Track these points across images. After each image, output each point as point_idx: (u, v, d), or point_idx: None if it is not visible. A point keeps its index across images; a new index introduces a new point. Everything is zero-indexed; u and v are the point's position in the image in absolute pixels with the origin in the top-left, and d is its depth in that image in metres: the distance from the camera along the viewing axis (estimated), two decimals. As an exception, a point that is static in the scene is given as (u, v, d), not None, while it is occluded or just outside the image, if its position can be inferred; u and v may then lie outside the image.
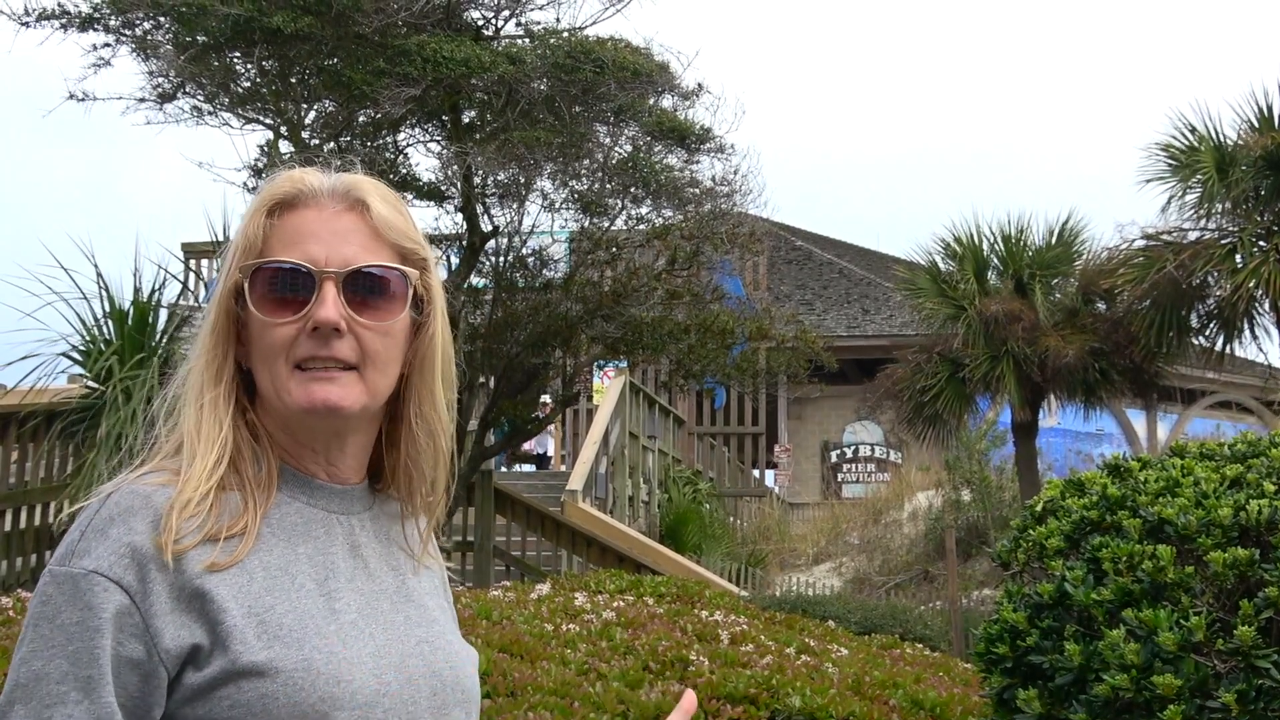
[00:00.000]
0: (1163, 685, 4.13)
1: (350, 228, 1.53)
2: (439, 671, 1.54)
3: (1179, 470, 5.01)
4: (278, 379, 1.50)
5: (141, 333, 9.09)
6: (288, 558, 1.49)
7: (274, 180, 1.57)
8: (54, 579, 1.41)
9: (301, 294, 1.50)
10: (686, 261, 13.29)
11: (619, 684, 5.84)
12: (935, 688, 6.82)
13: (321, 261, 1.50)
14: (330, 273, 1.50)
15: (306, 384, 1.49)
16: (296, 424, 1.53)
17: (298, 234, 1.52)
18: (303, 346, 1.49)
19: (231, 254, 1.54)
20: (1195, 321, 14.56)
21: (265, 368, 1.51)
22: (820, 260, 29.53)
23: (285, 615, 1.43)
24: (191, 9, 11.31)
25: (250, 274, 1.51)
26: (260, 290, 1.51)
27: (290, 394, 1.50)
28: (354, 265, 1.51)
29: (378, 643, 1.49)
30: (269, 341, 1.50)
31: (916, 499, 20.98)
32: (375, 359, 1.52)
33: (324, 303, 1.49)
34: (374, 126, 12.73)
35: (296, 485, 1.55)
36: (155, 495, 1.45)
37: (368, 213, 1.54)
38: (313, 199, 1.54)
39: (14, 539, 9.20)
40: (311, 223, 1.53)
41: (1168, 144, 14.19)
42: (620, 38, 12.43)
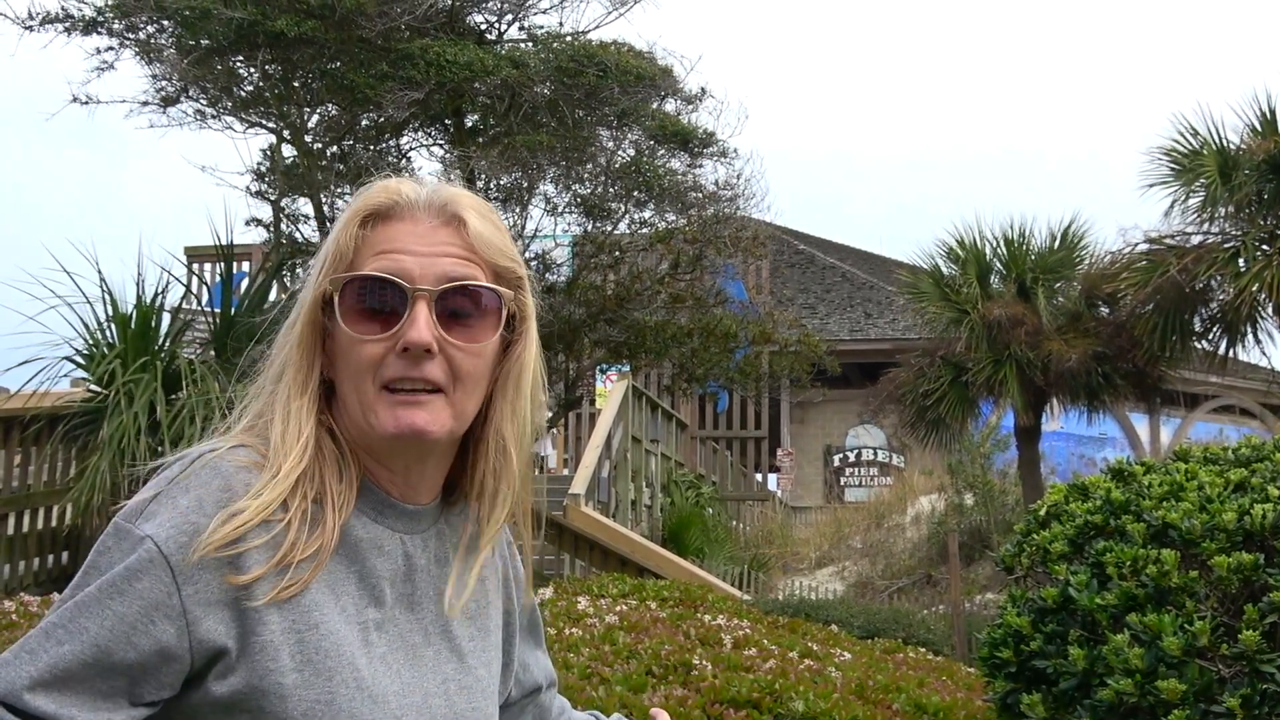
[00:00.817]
0: (1167, 690, 4.12)
1: (445, 243, 1.48)
2: (461, 713, 1.51)
3: (1183, 475, 5.00)
4: (364, 399, 1.46)
5: (144, 336, 9.09)
6: (339, 575, 1.45)
7: (369, 189, 1.52)
8: (116, 532, 1.39)
9: (392, 310, 1.45)
10: (689, 265, 13.29)
11: (622, 688, 5.84)
12: (938, 692, 6.82)
13: (415, 277, 1.45)
14: (424, 290, 1.45)
15: (394, 408, 1.45)
16: (378, 445, 1.49)
17: (391, 246, 1.47)
18: (392, 367, 1.45)
19: (321, 262, 1.50)
20: (1198, 325, 14.54)
21: (352, 385, 1.47)
22: (823, 264, 29.52)
23: (323, 639, 1.40)
24: (195, 13, 11.32)
25: (341, 286, 1.46)
26: (350, 304, 1.46)
27: (377, 417, 1.45)
28: (448, 283, 1.46)
29: (403, 680, 1.47)
30: (357, 358, 1.46)
31: (919, 503, 20.96)
32: (465, 381, 1.48)
33: (415, 322, 1.44)
34: (377, 130, 12.74)
35: (369, 500, 1.50)
36: (234, 478, 1.41)
37: (464, 228, 1.49)
38: (408, 211, 1.49)
39: (17, 542, 9.19)
40: (406, 236, 1.47)
41: (1170, 148, 14.17)
42: (623, 42, 12.46)
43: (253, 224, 14.36)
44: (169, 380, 8.71)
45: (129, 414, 8.33)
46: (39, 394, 8.82)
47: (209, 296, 10.59)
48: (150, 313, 9.16)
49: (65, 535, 9.54)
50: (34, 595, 7.27)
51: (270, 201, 13.92)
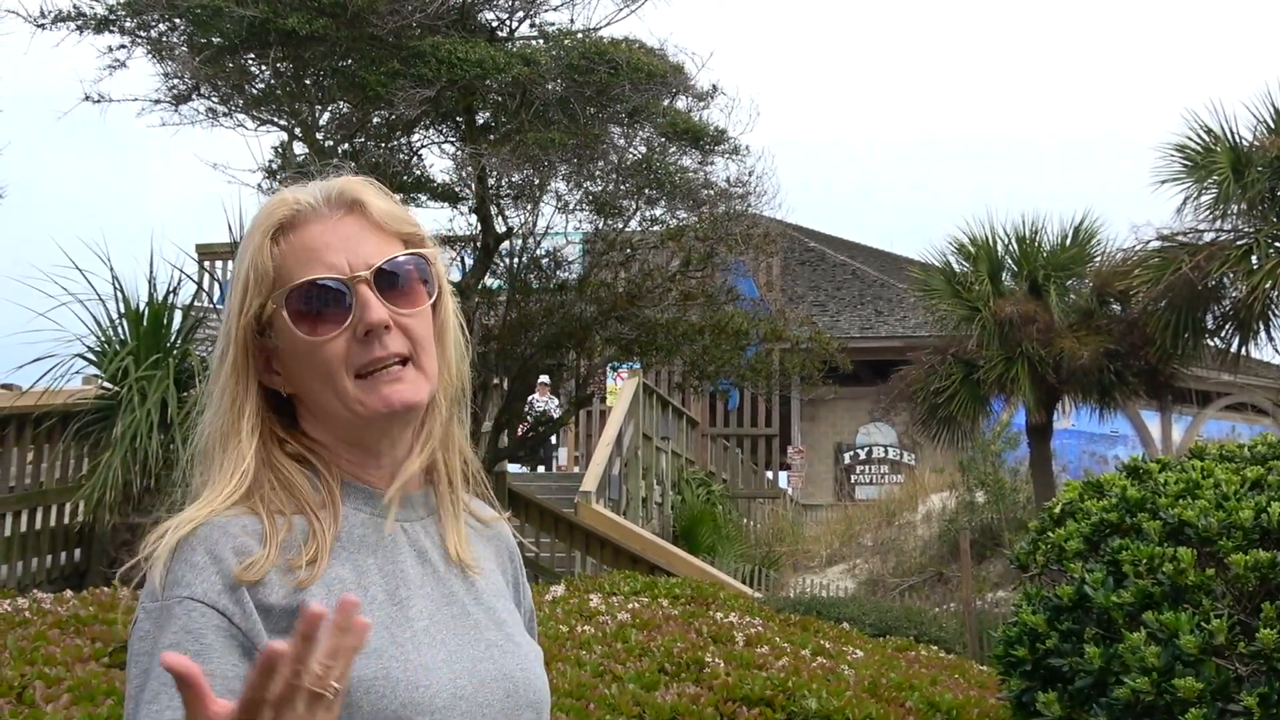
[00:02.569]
0: (1184, 688, 4.11)
1: (356, 229, 1.54)
2: (510, 674, 1.55)
3: (1199, 472, 4.98)
4: (343, 392, 1.51)
5: (156, 334, 9.10)
6: (359, 570, 1.50)
7: (266, 207, 1.57)
8: (148, 615, 1.43)
9: (340, 305, 1.51)
10: (701, 263, 13.27)
11: (634, 686, 5.83)
12: (951, 690, 6.80)
13: (346, 268, 1.51)
14: (360, 276, 1.51)
15: (377, 389, 1.51)
16: (368, 432, 1.54)
17: (311, 250, 1.52)
18: (359, 354, 1.50)
19: (243, 288, 1.53)
20: (1210, 323, 14.51)
21: (326, 386, 1.52)
22: (834, 261, 29.49)
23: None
24: (206, 11, 11.33)
25: (283, 300, 1.51)
26: (298, 312, 1.51)
27: (364, 403, 1.51)
28: (377, 263, 1.52)
29: (450, 648, 1.51)
30: (324, 359, 1.51)
31: (930, 501, 20.93)
32: (422, 344, 1.54)
33: (368, 305, 1.50)
34: (388, 128, 12.74)
35: (360, 498, 1.55)
36: (231, 525, 1.46)
37: (366, 210, 1.56)
38: (312, 213, 1.55)
39: (30, 539, 9.22)
40: (320, 235, 1.53)
41: (1183, 144, 14.14)
42: (635, 39, 12.43)
43: (264, 222, 14.36)
44: (181, 377, 8.72)
45: (141, 411, 8.34)
46: (51, 391, 8.83)
47: (220, 293, 10.59)
48: (162, 310, 9.17)
49: (78, 532, 9.56)
50: (47, 592, 7.28)
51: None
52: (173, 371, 8.65)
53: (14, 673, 4.80)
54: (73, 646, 5.28)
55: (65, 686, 4.65)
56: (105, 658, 5.25)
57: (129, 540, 8.76)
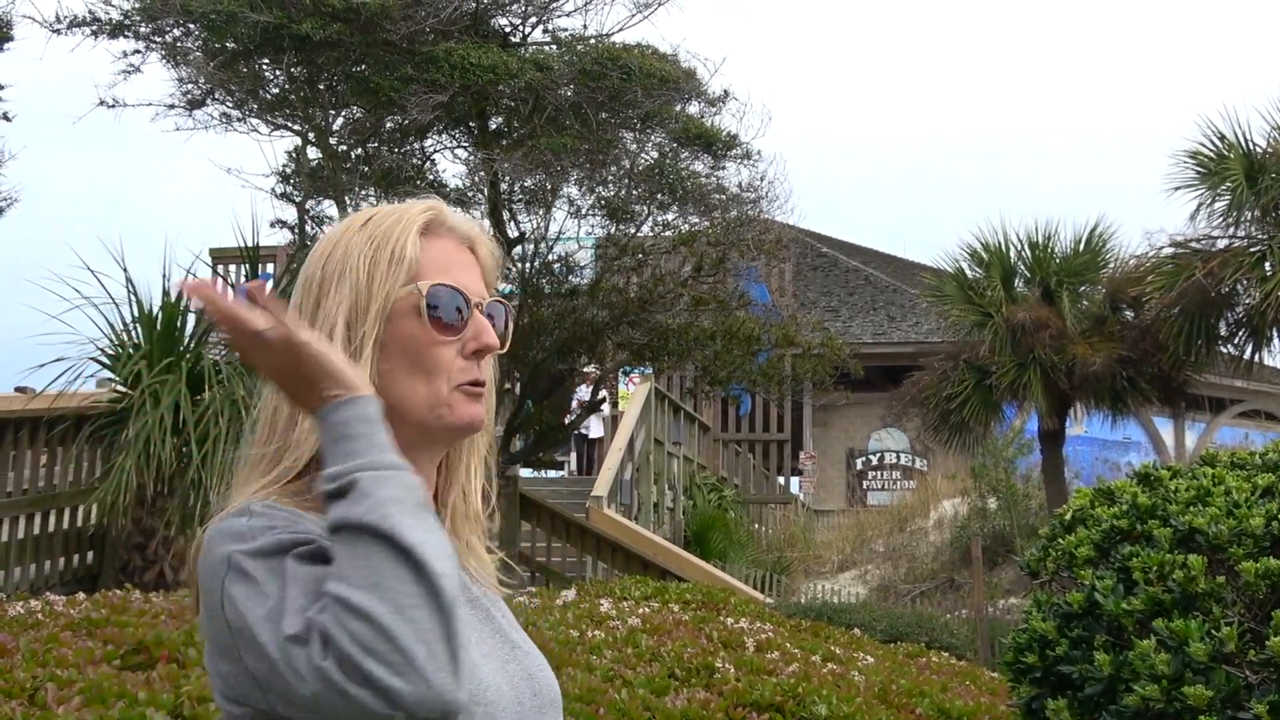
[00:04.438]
0: (1194, 696, 4.10)
1: (470, 264, 1.64)
2: (533, 674, 1.62)
3: (1210, 479, 4.97)
4: (437, 394, 1.58)
5: (170, 337, 9.12)
6: None
7: (413, 204, 1.65)
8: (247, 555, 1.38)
9: (462, 319, 1.60)
10: (712, 268, 13.28)
11: (645, 691, 5.83)
12: (962, 697, 6.80)
13: (470, 291, 1.61)
14: (479, 303, 1.62)
15: (467, 403, 1.59)
16: (433, 438, 1.61)
17: (445, 260, 1.62)
18: (465, 369, 1.59)
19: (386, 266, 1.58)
20: (1224, 330, 14.48)
21: (424, 382, 1.58)
22: (846, 267, 29.47)
23: None
24: (221, 16, 11.37)
25: (427, 290, 1.58)
26: (434, 307, 1.58)
27: (451, 410, 1.58)
28: (486, 299, 1.63)
29: (484, 649, 1.56)
30: (435, 359, 1.58)
31: (942, 507, 20.90)
32: (490, 381, 1.64)
33: (488, 330, 1.61)
34: (401, 133, 12.77)
35: None
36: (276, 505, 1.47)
37: (478, 252, 1.67)
38: (449, 230, 1.65)
39: (43, 542, 9.24)
40: (453, 253, 1.63)
41: (1196, 151, 14.11)
42: (647, 44, 12.46)
43: (278, 226, 14.42)
44: (194, 381, 8.74)
45: (154, 414, 8.37)
46: (65, 394, 8.86)
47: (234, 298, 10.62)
48: (176, 313, 9.19)
49: (91, 535, 9.59)
50: (60, 594, 7.30)
51: (295, 203, 13.97)
52: (186, 375, 8.68)
53: (26, 675, 4.82)
54: (85, 649, 5.29)
55: (77, 689, 4.67)
56: (117, 660, 5.26)
57: (142, 543, 8.79)
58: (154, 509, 8.65)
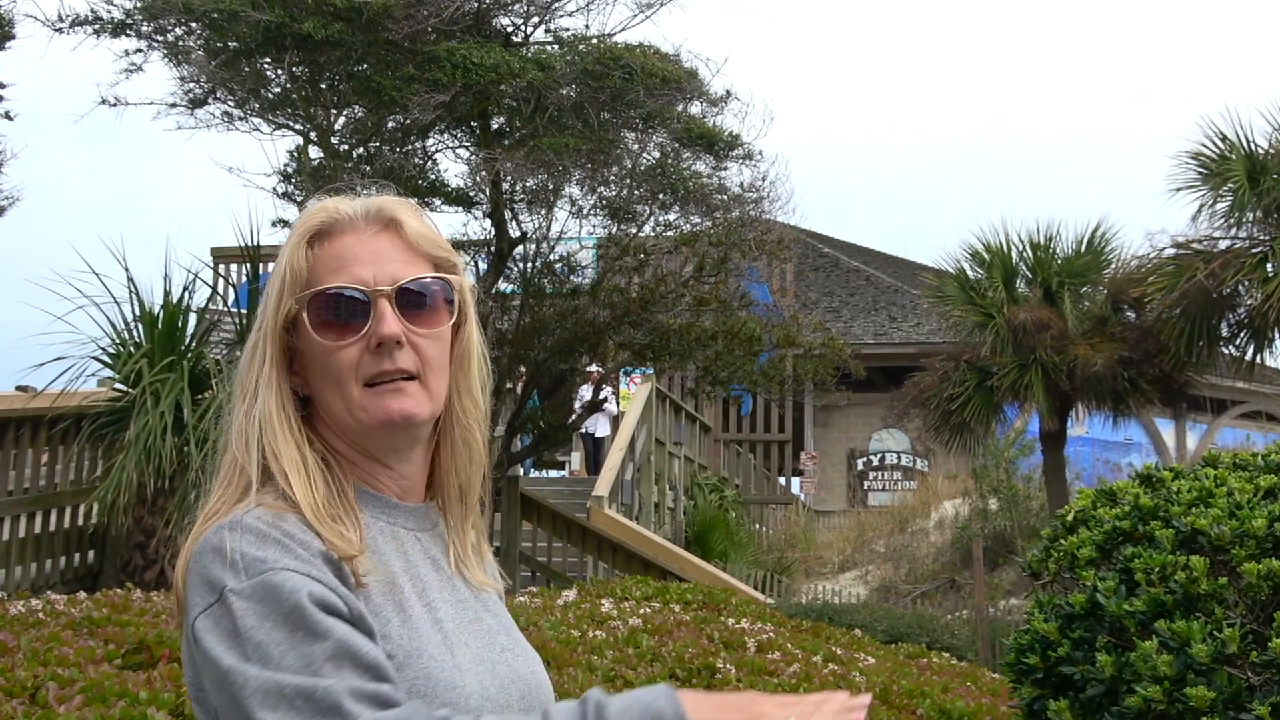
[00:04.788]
0: (1196, 697, 4.09)
1: (388, 246, 1.60)
2: (523, 675, 1.61)
3: (1212, 481, 4.96)
4: (350, 399, 1.57)
5: (171, 336, 9.12)
6: (390, 573, 1.55)
7: (308, 212, 1.64)
8: (240, 596, 1.39)
9: (359, 315, 1.56)
10: (714, 268, 13.28)
11: (646, 691, 5.82)
12: (963, 697, 6.80)
13: (371, 282, 1.57)
14: (383, 291, 1.57)
15: (380, 399, 1.56)
16: (371, 441, 1.60)
17: (342, 260, 1.59)
18: (369, 364, 1.56)
19: (278, 287, 1.59)
20: (1225, 331, 14.47)
21: (335, 391, 1.57)
22: (847, 267, 29.47)
23: (400, 628, 1.49)
24: (223, 15, 11.37)
25: (306, 303, 1.57)
26: (319, 317, 1.57)
27: (366, 411, 1.56)
28: (401, 280, 1.58)
29: (474, 650, 1.56)
30: (336, 364, 1.56)
31: (943, 507, 20.90)
32: (433, 365, 1.60)
33: (383, 318, 1.55)
34: (403, 132, 12.77)
35: (376, 506, 1.61)
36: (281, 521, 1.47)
37: (401, 230, 1.62)
38: (349, 224, 1.61)
39: (44, 541, 9.24)
40: (352, 247, 1.59)
41: (1198, 152, 14.10)
42: (649, 44, 12.44)
43: (279, 225, 14.41)
44: (195, 380, 8.74)
45: (155, 413, 8.36)
46: (66, 393, 8.86)
47: (235, 297, 10.62)
48: (177, 313, 9.19)
49: (91, 534, 9.59)
50: (61, 593, 7.30)
51: (296, 203, 13.96)
52: (187, 374, 8.68)
53: (27, 674, 4.82)
54: (86, 648, 5.29)
55: (78, 688, 4.67)
56: (118, 659, 5.27)
57: (143, 542, 8.79)
58: (155, 508, 8.65)
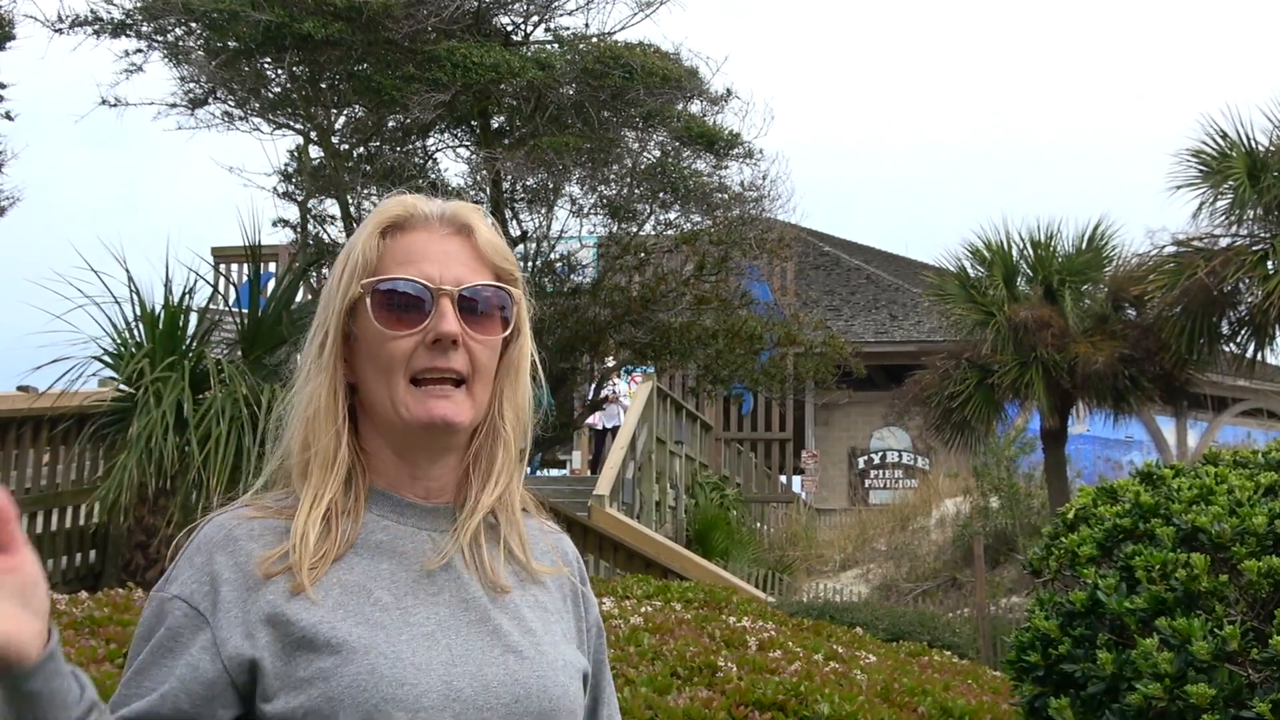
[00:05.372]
0: (1196, 695, 4.09)
1: (457, 249, 1.63)
2: (522, 680, 1.58)
3: (1213, 478, 4.97)
4: (395, 393, 1.59)
5: (172, 336, 9.12)
6: (369, 574, 1.57)
7: (386, 203, 1.67)
8: (151, 604, 1.56)
9: (421, 309, 1.59)
10: (715, 267, 13.29)
11: (647, 690, 5.83)
12: (964, 695, 6.79)
13: (437, 280, 1.60)
14: (447, 290, 1.60)
15: (424, 399, 1.58)
16: (407, 438, 1.62)
17: (411, 254, 1.62)
18: (421, 358, 1.59)
19: (345, 271, 1.62)
20: (1226, 328, 14.47)
21: (382, 381, 1.60)
22: (848, 266, 29.47)
23: (355, 628, 1.51)
24: (223, 15, 11.38)
25: (372, 289, 1.60)
26: (380, 304, 1.59)
27: (409, 408, 1.58)
28: (466, 284, 1.61)
29: (454, 652, 1.55)
30: (388, 354, 1.59)
31: (944, 506, 20.89)
32: (481, 372, 1.63)
33: (444, 316, 1.59)
34: (403, 132, 12.78)
35: (386, 505, 1.63)
36: (237, 529, 1.57)
37: (473, 236, 1.65)
38: (423, 222, 1.64)
39: (45, 540, 9.25)
40: (424, 244, 1.63)
41: (1199, 149, 14.10)
42: (649, 43, 12.46)
43: (280, 225, 14.43)
44: (196, 379, 8.74)
45: (157, 413, 8.36)
46: (67, 393, 8.85)
47: (236, 296, 10.63)
48: (178, 312, 9.18)
49: (93, 534, 9.60)
50: (62, 594, 7.31)
51: (297, 202, 13.97)
52: (188, 374, 8.67)
53: (29, 673, 4.82)
54: (87, 648, 5.30)
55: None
56: (120, 659, 5.27)
57: (144, 542, 8.79)
58: (156, 507, 8.65)
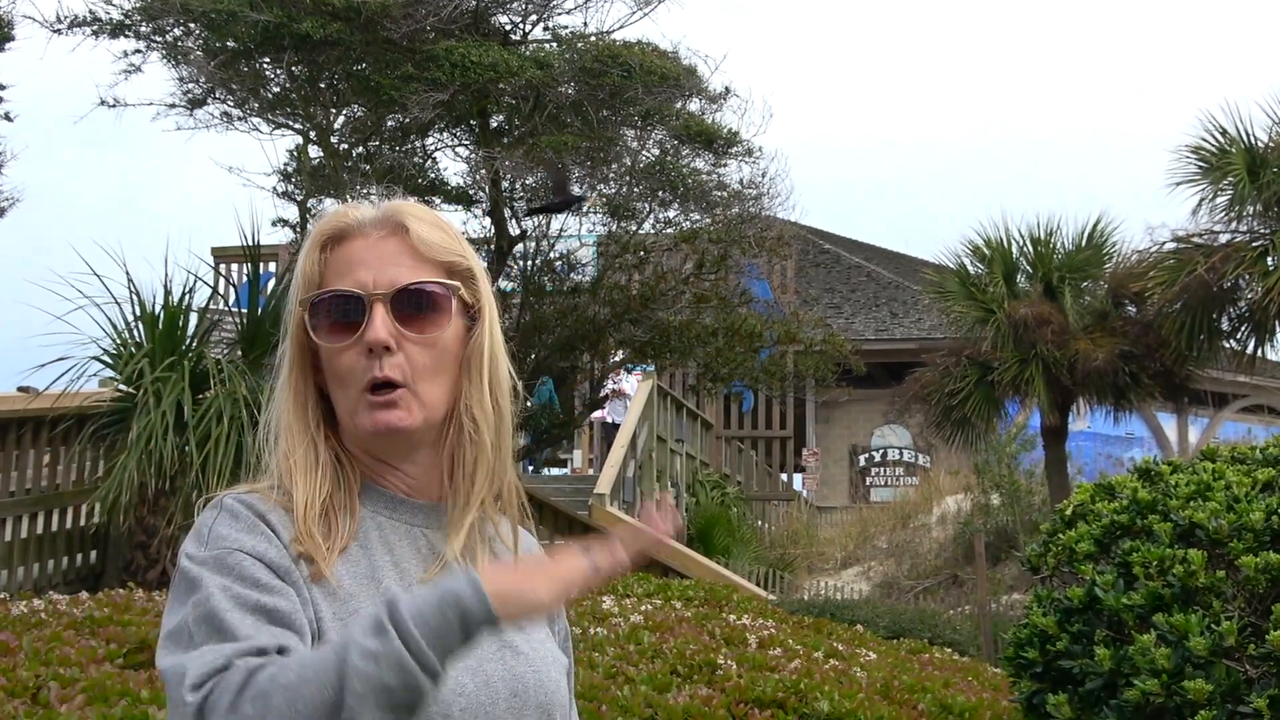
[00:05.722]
0: (1194, 690, 4.10)
1: (395, 250, 1.63)
2: (519, 675, 1.60)
3: (1210, 474, 4.97)
4: (351, 403, 1.61)
5: (172, 336, 9.12)
6: (374, 566, 1.59)
7: (322, 218, 1.68)
8: (196, 561, 1.51)
9: (355, 318, 1.59)
10: (714, 265, 13.29)
11: (647, 687, 5.83)
12: (964, 692, 6.79)
13: (370, 285, 1.60)
14: (377, 294, 1.59)
15: (373, 410, 1.59)
16: (370, 444, 1.64)
17: (348, 264, 1.62)
18: (364, 369, 1.59)
19: (295, 291, 1.65)
20: (1226, 324, 14.46)
21: (342, 393, 1.62)
22: (848, 263, 29.45)
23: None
24: (221, 15, 11.38)
25: (309, 305, 1.62)
26: (321, 319, 1.61)
27: (359, 419, 1.60)
28: (399, 284, 1.60)
29: None
30: (337, 367, 1.61)
31: (945, 503, 20.89)
32: (423, 372, 1.61)
33: (373, 323, 1.58)
34: (402, 131, 12.79)
35: (379, 501, 1.65)
36: (259, 504, 1.57)
37: (408, 235, 1.63)
38: (359, 229, 1.65)
39: (45, 541, 9.25)
40: (359, 251, 1.63)
41: (1198, 146, 14.09)
42: (648, 42, 12.48)
43: (279, 224, 14.44)
44: (196, 379, 8.75)
45: (156, 413, 8.37)
46: (67, 394, 8.86)
47: (236, 296, 10.63)
48: (177, 313, 9.19)
49: (93, 534, 9.60)
50: (62, 594, 7.31)
51: (296, 202, 13.98)
52: (188, 374, 8.67)
53: (29, 674, 4.83)
54: (87, 648, 5.30)
55: (79, 688, 4.68)
56: (120, 659, 5.28)
57: (145, 542, 8.80)
58: (157, 507, 8.65)
